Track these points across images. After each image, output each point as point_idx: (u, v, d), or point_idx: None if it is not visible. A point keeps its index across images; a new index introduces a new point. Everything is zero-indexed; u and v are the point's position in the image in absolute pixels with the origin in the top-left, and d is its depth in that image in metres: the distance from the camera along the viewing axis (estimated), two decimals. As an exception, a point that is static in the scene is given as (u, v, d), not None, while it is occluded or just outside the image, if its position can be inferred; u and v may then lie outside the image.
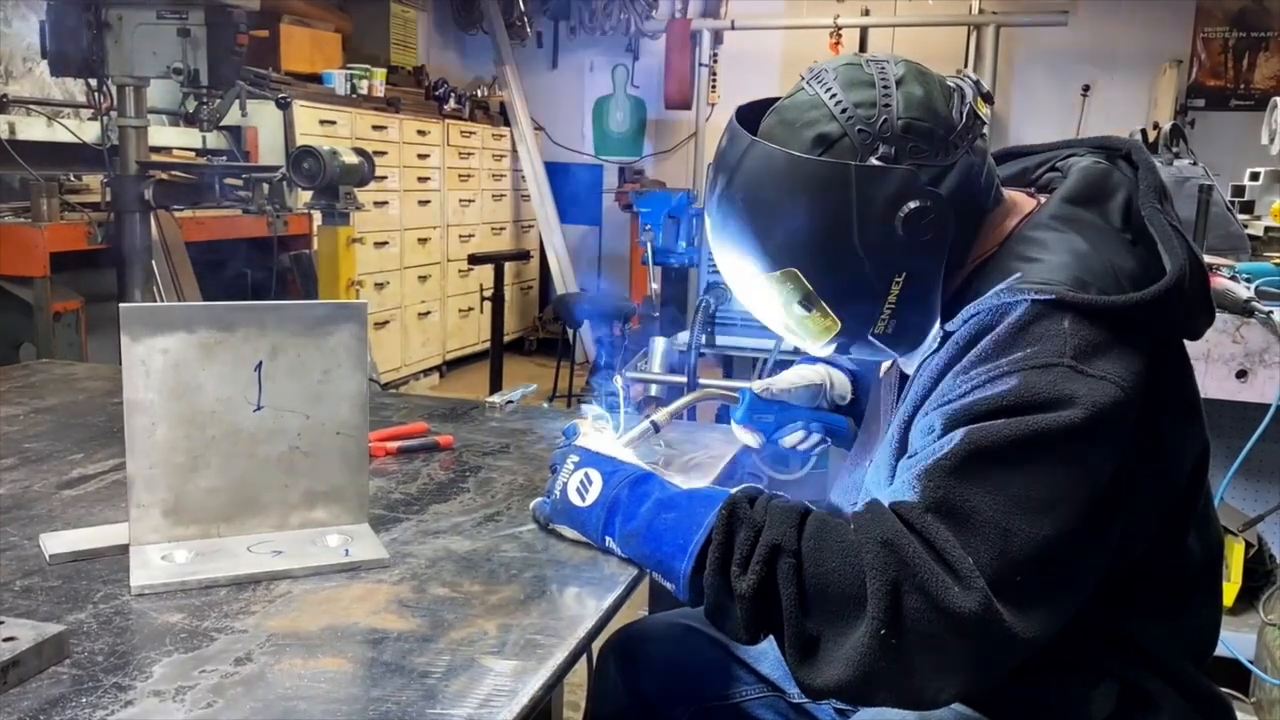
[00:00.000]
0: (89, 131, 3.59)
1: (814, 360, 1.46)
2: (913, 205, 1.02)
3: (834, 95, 1.05)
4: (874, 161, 1.02)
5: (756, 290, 1.12)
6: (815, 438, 1.46)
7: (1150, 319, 0.98)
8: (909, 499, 0.94)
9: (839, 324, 1.09)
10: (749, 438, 1.43)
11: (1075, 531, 0.92)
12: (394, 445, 1.44)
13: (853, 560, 0.91)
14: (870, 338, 1.10)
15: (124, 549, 1.04)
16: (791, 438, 1.46)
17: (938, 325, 1.08)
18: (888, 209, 1.02)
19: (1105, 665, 1.06)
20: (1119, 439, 0.94)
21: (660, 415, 1.31)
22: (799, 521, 0.96)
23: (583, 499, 1.09)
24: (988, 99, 1.09)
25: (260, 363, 1.07)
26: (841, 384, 1.45)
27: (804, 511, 0.97)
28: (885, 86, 1.04)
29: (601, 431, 1.20)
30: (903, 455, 1.05)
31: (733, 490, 1.02)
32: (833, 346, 1.13)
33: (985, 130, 1.10)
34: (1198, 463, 1.08)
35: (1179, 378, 1.07)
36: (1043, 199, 1.13)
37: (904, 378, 1.18)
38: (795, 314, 1.11)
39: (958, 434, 0.94)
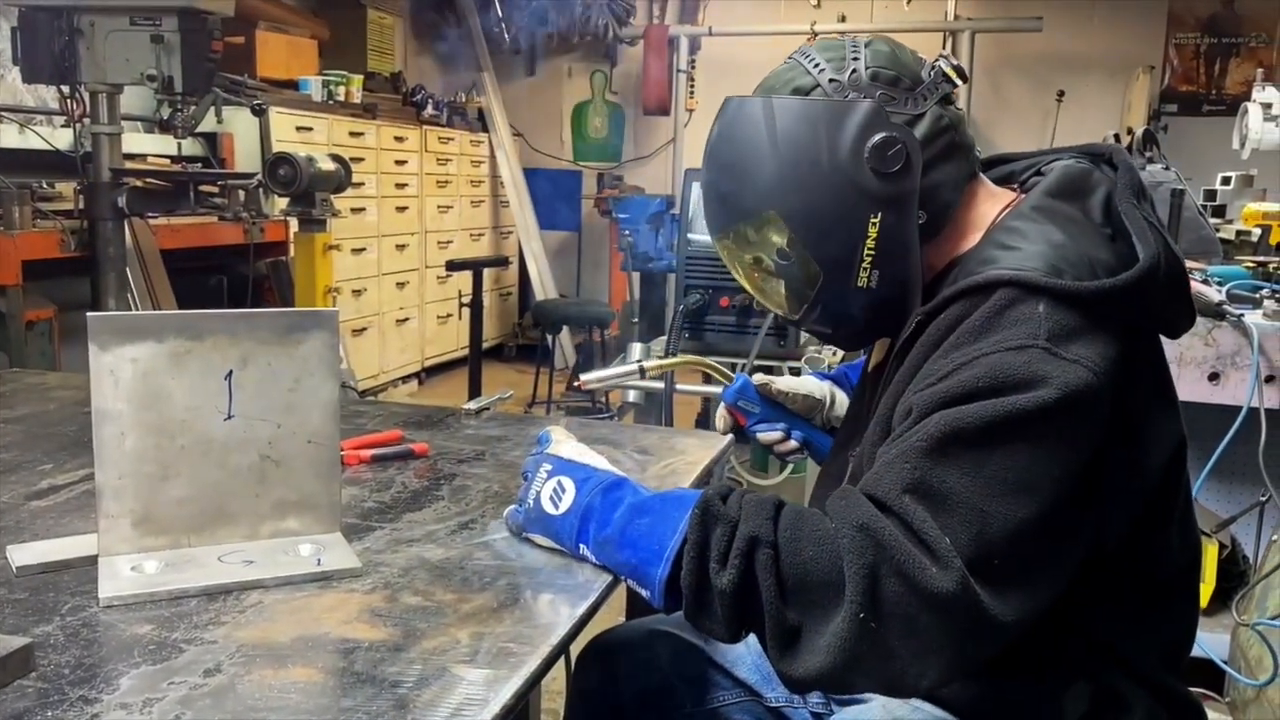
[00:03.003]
0: (62, 139, 3.56)
1: (825, 378, 1.49)
2: (880, 136, 1.08)
3: (807, 55, 1.15)
4: (840, 99, 1.10)
5: (741, 247, 1.17)
6: (793, 444, 1.47)
7: (1124, 306, 0.99)
8: (886, 481, 0.94)
9: (821, 273, 1.12)
10: (725, 421, 1.44)
11: (1051, 514, 0.93)
12: (368, 453, 1.44)
13: (829, 547, 0.92)
14: (855, 292, 1.12)
15: (93, 560, 1.03)
16: (770, 435, 1.46)
17: (919, 301, 1.10)
18: (856, 141, 1.08)
19: (1080, 667, 1.06)
20: (1092, 423, 0.95)
21: (650, 364, 1.33)
22: (774, 513, 0.96)
23: (556, 507, 1.09)
24: (959, 71, 1.14)
25: (230, 371, 1.06)
26: (842, 406, 1.46)
27: (778, 504, 0.98)
28: (854, 46, 1.15)
29: (572, 440, 1.19)
30: (885, 440, 1.05)
31: (706, 490, 1.02)
32: (818, 310, 1.16)
33: (957, 101, 1.16)
34: (1175, 457, 1.08)
35: (1154, 368, 1.08)
36: (1024, 196, 1.15)
37: (878, 376, 1.19)
38: (779, 264, 1.15)
39: (933, 418, 0.95)
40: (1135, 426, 1.02)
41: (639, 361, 1.30)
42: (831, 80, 1.11)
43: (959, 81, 1.14)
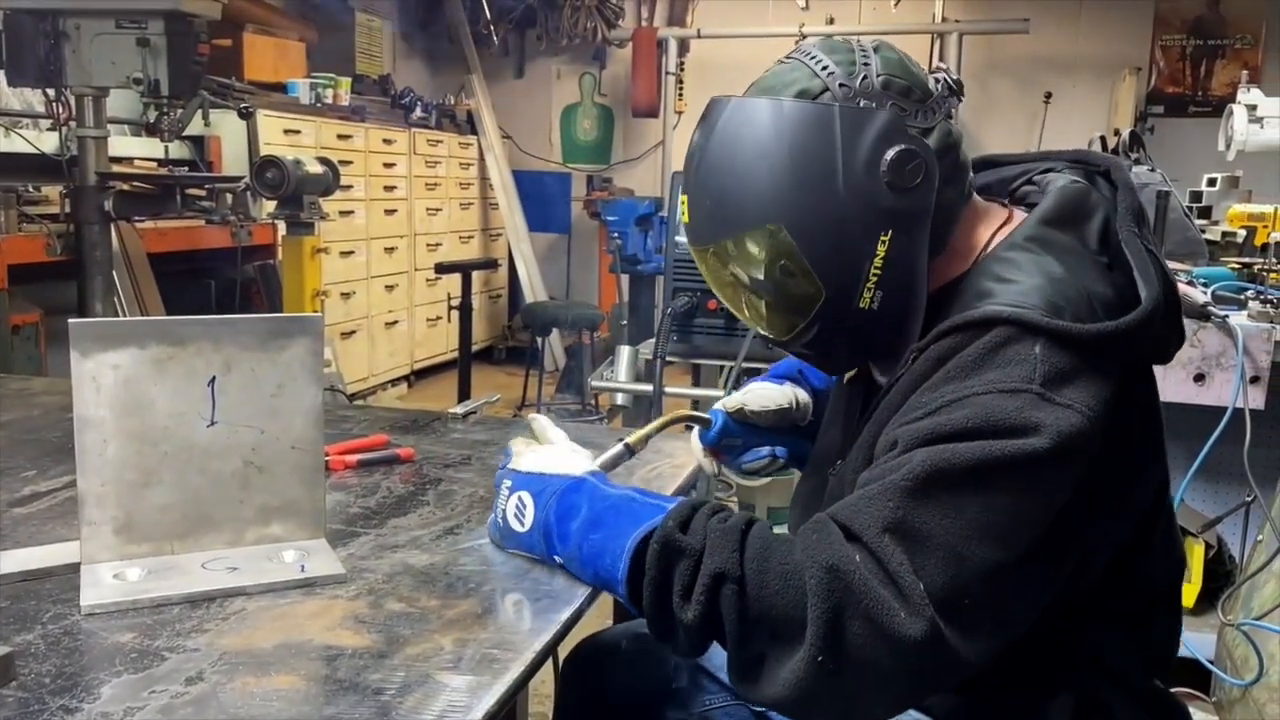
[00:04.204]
0: (48, 142, 3.54)
1: (780, 379, 1.43)
2: (899, 148, 1.01)
3: (813, 57, 1.06)
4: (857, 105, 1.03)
5: (732, 261, 1.08)
6: (781, 463, 1.44)
7: (1122, 348, 0.97)
8: (865, 517, 0.92)
9: (822, 293, 1.05)
10: (709, 462, 1.40)
11: (1028, 558, 0.92)
12: (353, 458, 1.43)
13: (795, 584, 0.90)
14: (856, 314, 1.05)
15: (75, 567, 1.03)
16: (758, 464, 1.43)
17: (919, 326, 1.06)
18: (873, 152, 1.01)
19: (1063, 678, 1.06)
20: (1081, 467, 0.93)
21: (634, 438, 1.25)
22: (740, 543, 0.94)
23: (521, 524, 1.08)
24: (959, 85, 1.10)
25: (213, 377, 1.05)
26: (805, 406, 1.42)
27: (744, 529, 0.95)
28: (863, 50, 1.07)
29: (532, 446, 1.17)
30: (867, 467, 1.03)
31: (665, 518, 0.98)
32: (813, 332, 1.08)
33: (954, 117, 1.11)
34: (1160, 484, 1.08)
35: (1145, 403, 1.06)
36: (1018, 212, 1.12)
37: (868, 390, 1.17)
38: (776, 284, 1.07)
39: (918, 454, 0.93)
40: (1125, 464, 1.00)
41: (624, 441, 1.24)
42: (842, 85, 1.03)
43: (961, 96, 1.10)
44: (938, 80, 1.08)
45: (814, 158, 1.02)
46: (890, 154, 1.01)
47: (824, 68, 1.05)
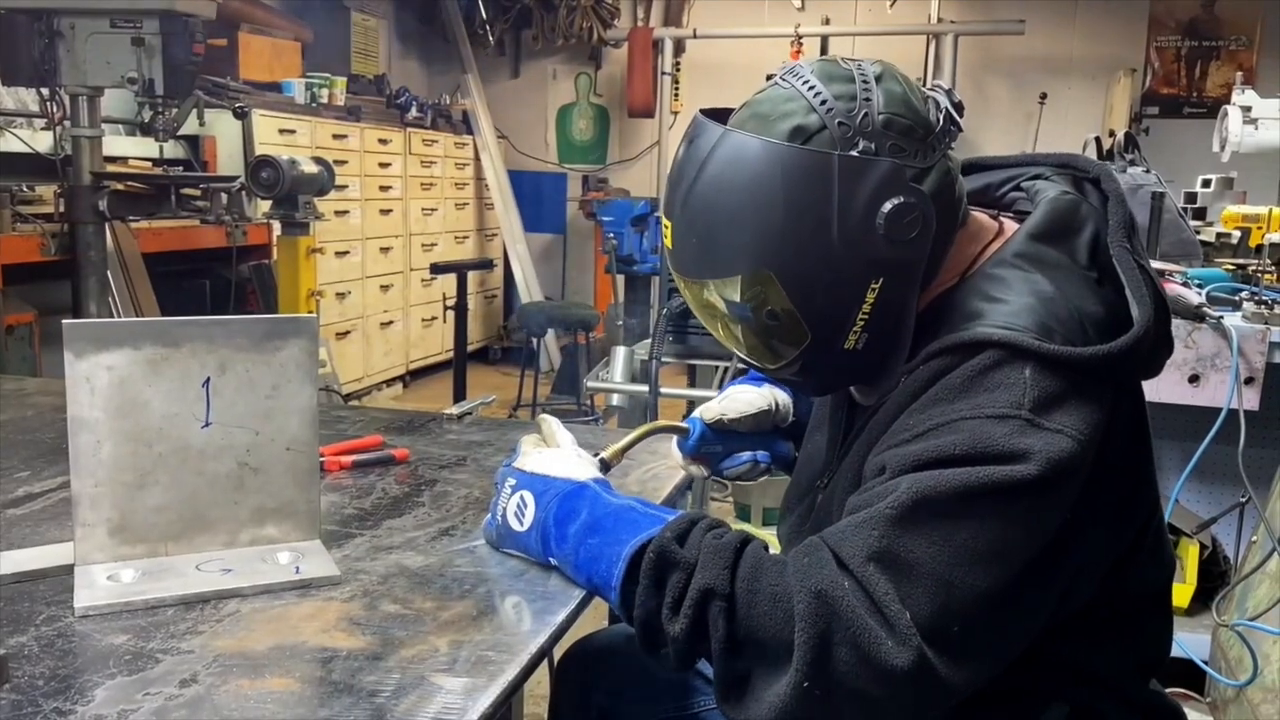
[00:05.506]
0: (42, 141, 3.53)
1: (759, 381, 1.40)
2: (897, 201, 0.97)
3: (812, 88, 1.00)
4: (856, 154, 0.98)
5: (721, 300, 1.05)
6: (763, 467, 1.41)
7: (1114, 370, 0.96)
8: (852, 544, 0.91)
9: (809, 336, 1.03)
10: (695, 469, 1.38)
11: (1019, 583, 0.91)
12: (348, 459, 1.43)
13: (784, 606, 0.90)
14: (840, 353, 1.04)
15: (69, 569, 1.02)
16: (739, 469, 1.40)
17: (903, 358, 1.04)
18: (870, 204, 0.97)
19: (1056, 689, 1.05)
20: (1072, 491, 0.93)
21: (609, 452, 1.22)
22: (733, 561, 0.94)
23: (520, 523, 1.08)
24: (959, 109, 1.05)
25: (208, 378, 1.05)
26: (785, 405, 1.40)
27: (738, 548, 0.95)
28: (865, 82, 1.01)
29: (540, 447, 1.17)
30: (856, 490, 1.02)
31: (663, 530, 0.98)
32: (796, 367, 1.07)
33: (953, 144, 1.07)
34: (1151, 501, 1.07)
35: (1135, 419, 1.04)
36: (1007, 223, 1.11)
37: (852, 403, 1.16)
38: (762, 325, 1.04)
39: (904, 481, 0.92)
40: (1117, 482, 0.99)
41: (600, 456, 1.22)
42: (841, 124, 0.98)
43: (961, 126, 1.04)
44: (938, 107, 1.03)
45: (809, 208, 0.98)
46: (888, 206, 0.97)
47: (822, 101, 0.99)
